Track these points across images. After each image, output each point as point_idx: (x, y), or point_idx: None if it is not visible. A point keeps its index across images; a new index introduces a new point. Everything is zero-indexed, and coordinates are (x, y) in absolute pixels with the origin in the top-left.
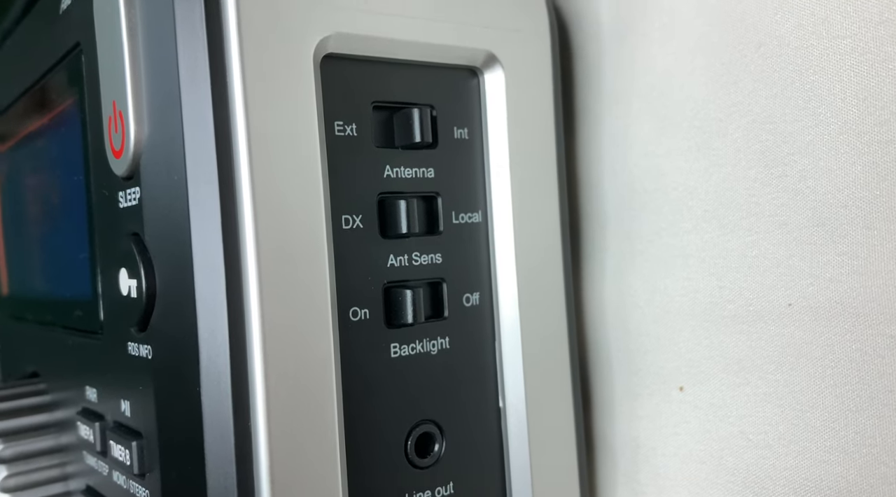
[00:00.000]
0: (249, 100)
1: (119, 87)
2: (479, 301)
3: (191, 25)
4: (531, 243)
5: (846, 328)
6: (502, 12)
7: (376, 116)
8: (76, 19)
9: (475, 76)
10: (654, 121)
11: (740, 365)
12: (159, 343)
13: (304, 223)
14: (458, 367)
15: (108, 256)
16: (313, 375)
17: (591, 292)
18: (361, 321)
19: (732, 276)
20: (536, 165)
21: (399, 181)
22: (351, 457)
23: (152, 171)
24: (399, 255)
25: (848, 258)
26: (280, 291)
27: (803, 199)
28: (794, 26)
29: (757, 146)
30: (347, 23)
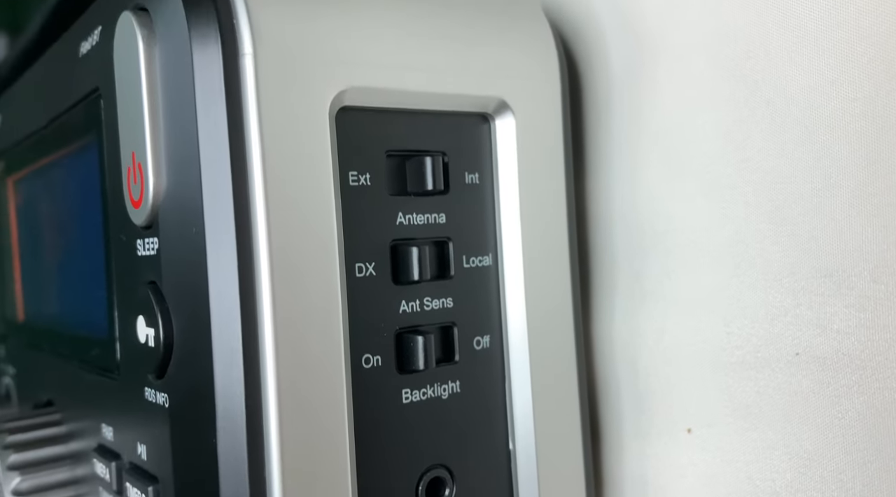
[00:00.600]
0: (267, 155)
1: (138, 139)
2: (490, 344)
3: (209, 81)
4: (541, 285)
5: (853, 380)
6: (514, 59)
7: (389, 164)
8: (96, 64)
9: (486, 122)
10: (664, 165)
11: (748, 410)
12: (176, 392)
13: (319, 274)
14: (469, 411)
15: (126, 301)
16: (326, 424)
17: (601, 331)
18: (374, 368)
19: (740, 323)
20: (546, 208)
21: (411, 228)
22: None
23: (171, 222)
24: (411, 301)
25: (855, 311)
26: (294, 343)
27: (812, 255)
28: (804, 86)
29: (767, 204)
30: (363, 77)
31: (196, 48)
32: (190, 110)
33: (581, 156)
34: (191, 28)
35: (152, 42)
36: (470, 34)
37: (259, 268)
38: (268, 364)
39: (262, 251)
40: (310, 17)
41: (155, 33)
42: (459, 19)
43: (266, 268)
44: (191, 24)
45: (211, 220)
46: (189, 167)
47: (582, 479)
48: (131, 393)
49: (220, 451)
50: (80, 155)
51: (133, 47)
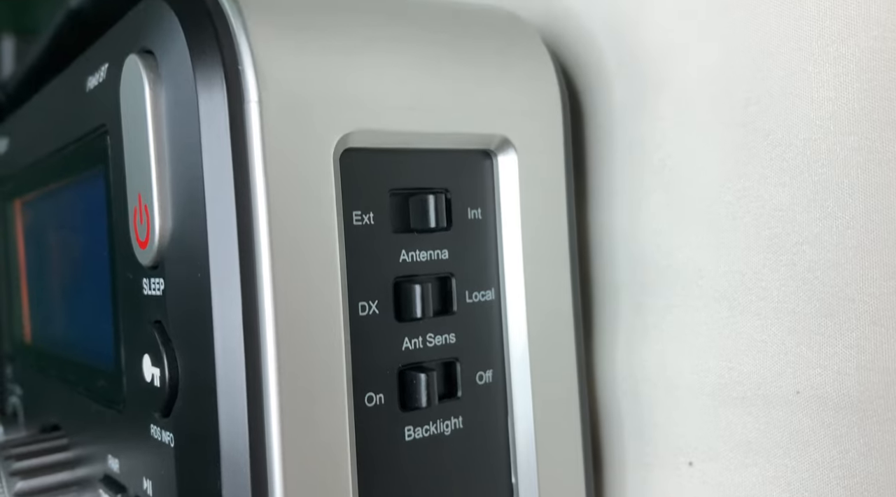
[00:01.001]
0: (271, 200)
1: (145, 182)
2: (492, 378)
3: (215, 127)
4: (543, 318)
5: (854, 421)
6: (516, 97)
7: (393, 202)
8: (102, 101)
9: (489, 158)
10: (665, 197)
11: (748, 446)
12: (181, 432)
13: (323, 315)
14: (471, 446)
15: (132, 338)
16: (330, 464)
17: (603, 363)
18: (376, 406)
19: (741, 359)
20: (548, 242)
21: (414, 264)
22: None
23: (176, 264)
24: (413, 338)
25: (856, 352)
26: (298, 387)
27: (811, 289)
28: (802, 118)
29: (766, 232)
30: (367, 119)
31: (202, 94)
32: (195, 155)
33: (583, 188)
34: (196, 74)
35: (158, 86)
36: (472, 73)
37: (263, 311)
38: (271, 407)
39: (266, 295)
40: (315, 62)
41: (161, 77)
42: (462, 59)
43: (270, 312)
44: (196, 70)
45: (216, 264)
46: (195, 211)
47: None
48: (137, 428)
49: (224, 494)
50: (87, 186)
51: (139, 90)
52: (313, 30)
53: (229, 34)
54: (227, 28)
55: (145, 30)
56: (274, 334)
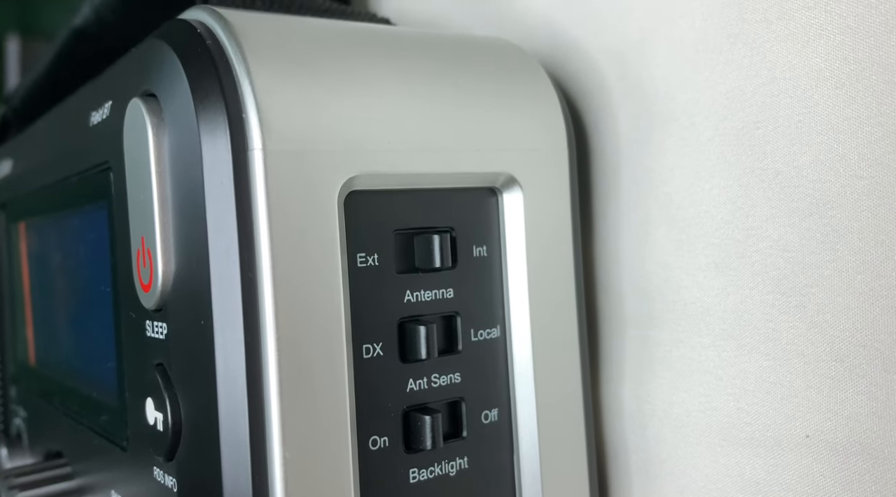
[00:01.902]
0: (275, 246)
1: (148, 226)
2: (498, 417)
3: (218, 174)
4: (550, 355)
5: (865, 468)
6: (522, 134)
7: (397, 242)
8: (105, 138)
9: (494, 195)
10: (672, 232)
11: (757, 488)
12: (184, 477)
13: (326, 360)
14: (477, 487)
15: (135, 379)
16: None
17: (610, 398)
18: (381, 449)
19: (750, 400)
20: (554, 278)
21: (419, 304)
22: None
23: (179, 309)
24: (418, 379)
25: (866, 399)
26: (302, 430)
27: (821, 332)
28: (812, 160)
29: (774, 273)
30: (371, 163)
31: (205, 140)
32: (199, 201)
33: (589, 221)
34: (199, 120)
35: (161, 130)
36: (477, 112)
37: (266, 357)
38: (275, 455)
39: (270, 339)
40: (318, 107)
41: (164, 121)
42: (467, 98)
43: (273, 358)
44: (199, 117)
45: (219, 311)
46: (198, 257)
47: None
48: (140, 468)
49: None
50: (90, 219)
51: (143, 134)
52: (316, 74)
53: (233, 80)
54: (231, 73)
55: (148, 71)
56: (277, 381)
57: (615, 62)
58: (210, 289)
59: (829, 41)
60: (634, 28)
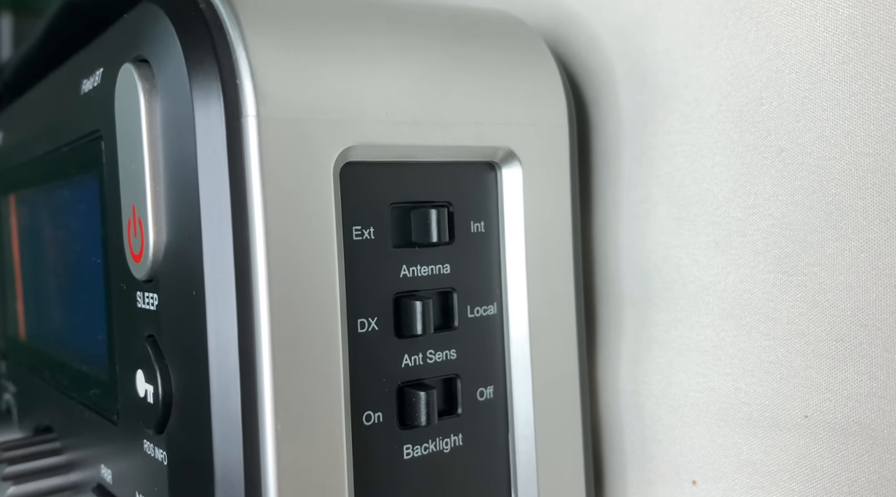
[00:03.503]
0: (269, 216)
1: (139, 194)
2: (493, 394)
3: (211, 141)
4: (546, 333)
5: (864, 448)
6: (522, 108)
7: (393, 216)
8: (96, 106)
9: (492, 170)
10: (672, 210)
11: (754, 468)
12: (175, 450)
13: (320, 334)
14: (471, 464)
15: (125, 352)
16: (326, 484)
17: (606, 377)
18: (375, 425)
19: (749, 380)
20: (553, 256)
21: (415, 280)
22: None
23: (170, 280)
24: (413, 355)
25: (867, 379)
26: (294, 404)
27: (822, 311)
28: (817, 137)
29: (776, 251)
30: (368, 133)
31: (198, 107)
32: (191, 168)
33: (588, 199)
34: (193, 87)
35: (154, 96)
36: (476, 85)
37: (259, 329)
38: (267, 427)
39: (263, 312)
40: (314, 75)
41: (156, 87)
42: (466, 70)
43: (266, 329)
44: (193, 83)
45: (211, 282)
46: (190, 226)
47: None
48: (130, 441)
49: None
50: (81, 190)
51: (134, 100)
52: (313, 41)
53: (227, 45)
54: (225, 39)
55: (141, 37)
56: (270, 353)
57: (618, 37)
58: (202, 259)
59: (837, 15)
60: (638, 2)
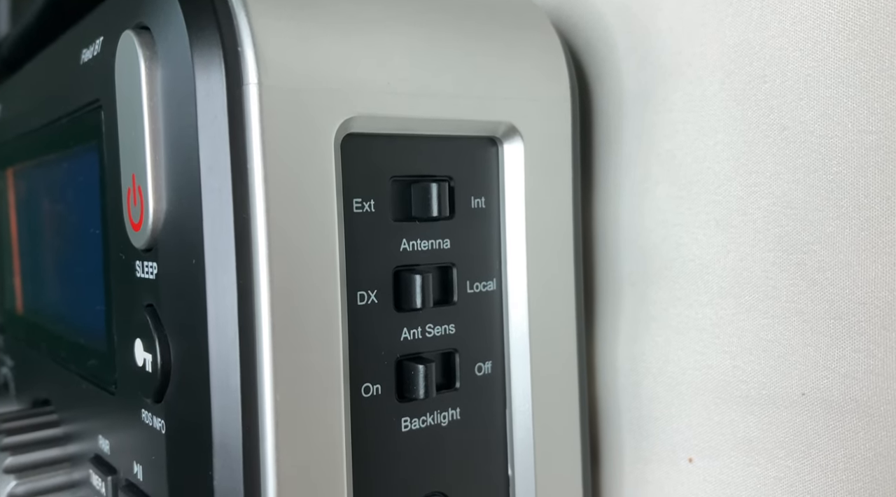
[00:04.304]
0: (269, 185)
1: (139, 163)
2: (491, 369)
3: (212, 109)
4: (545, 310)
5: (860, 426)
6: (524, 83)
7: (394, 190)
8: (96, 75)
9: (494, 145)
10: (673, 189)
11: (750, 445)
12: (173, 419)
13: (320, 305)
14: (469, 438)
15: (124, 321)
16: (324, 455)
17: (604, 354)
18: (373, 397)
19: (746, 357)
20: (553, 233)
21: (415, 254)
22: None
23: (170, 249)
24: (412, 329)
25: (864, 356)
26: (293, 374)
27: (821, 289)
28: (819, 114)
29: (776, 230)
30: (369, 104)
31: (199, 74)
32: (192, 136)
33: (589, 177)
34: (194, 54)
35: (154, 64)
36: (479, 58)
37: (259, 299)
38: (266, 396)
39: (263, 282)
40: (316, 44)
41: (157, 55)
42: (469, 43)
43: (266, 299)
44: (194, 50)
45: (211, 251)
46: (190, 195)
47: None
48: (128, 411)
49: (216, 484)
50: (80, 161)
51: (135, 68)
52: (315, 10)
53: (228, 13)
54: (227, 6)
55: (142, 4)
56: (270, 323)
57: (621, 15)
58: (202, 227)
59: None
60: None
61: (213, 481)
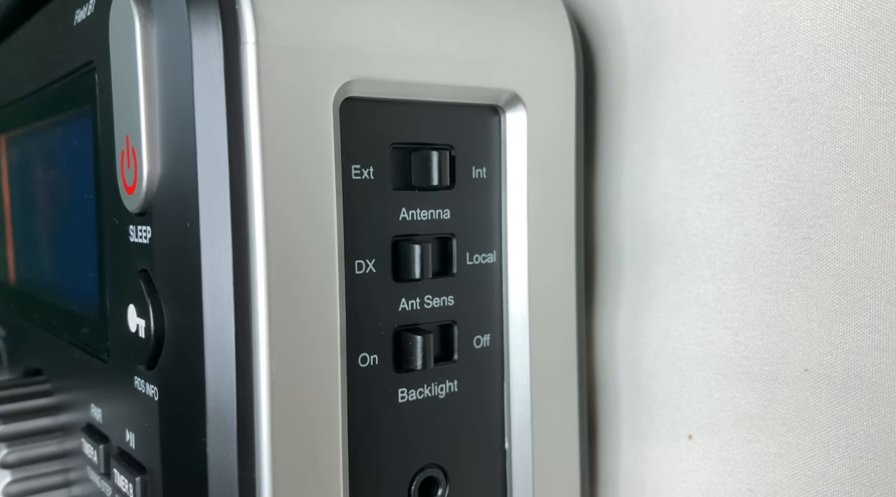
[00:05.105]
0: (266, 148)
1: (133, 124)
2: (490, 342)
3: (208, 69)
4: (545, 283)
5: (863, 402)
6: (528, 50)
7: (394, 157)
8: (90, 36)
9: (496, 114)
10: (677, 162)
11: (752, 422)
12: (166, 385)
13: (317, 272)
14: (466, 410)
15: (117, 287)
16: (320, 424)
17: (603, 330)
18: (370, 367)
19: (749, 333)
20: (554, 205)
21: (414, 223)
22: None
23: (165, 212)
24: (411, 299)
25: (869, 331)
26: (289, 342)
27: (826, 264)
28: (830, 86)
29: (782, 204)
30: (369, 67)
31: (195, 34)
32: (187, 98)
33: (591, 149)
34: (190, 13)
35: (150, 23)
36: (483, 24)
37: (255, 264)
38: (261, 364)
39: (259, 247)
40: (316, 4)
41: (153, 13)
42: (473, 8)
43: (262, 265)
44: (191, 9)
45: (206, 214)
46: (185, 157)
47: (577, 480)
48: (121, 379)
49: (209, 451)
50: (74, 125)
51: (129, 28)
52: None
53: None
54: None
55: None
56: (266, 289)
57: None
58: (197, 190)
59: None
60: None
61: (206, 448)
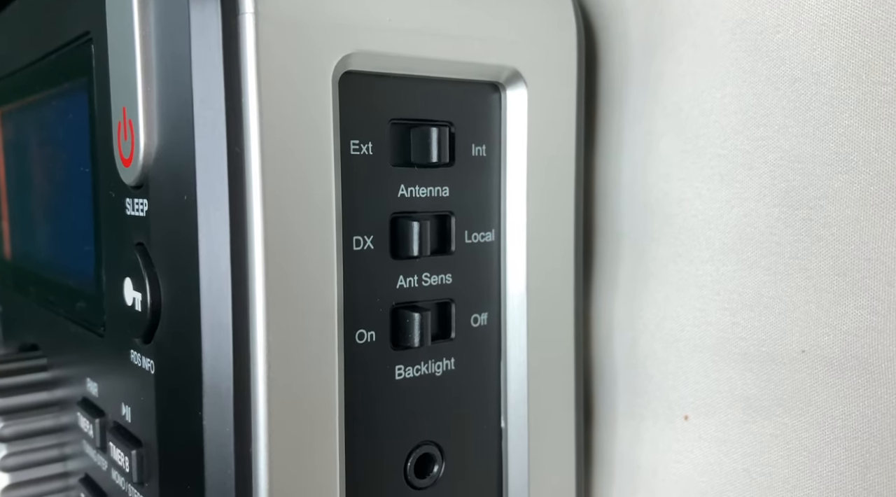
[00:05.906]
0: (264, 121)
1: (130, 96)
2: (487, 321)
3: (206, 40)
4: (543, 263)
5: (860, 383)
6: (530, 27)
7: (393, 133)
8: (87, 6)
9: (496, 91)
10: (678, 142)
11: (748, 403)
12: (162, 359)
13: (315, 247)
14: (462, 388)
15: (113, 260)
16: (316, 399)
17: (601, 310)
18: (367, 343)
19: (747, 314)
20: (554, 184)
21: (413, 200)
22: (350, 478)
23: (161, 185)
24: (409, 277)
25: (867, 313)
26: (286, 316)
27: (825, 245)
28: (833, 66)
29: (783, 185)
30: (369, 40)
31: (193, 3)
32: (185, 69)
33: (591, 129)
34: None
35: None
36: None
37: (252, 238)
38: (257, 337)
39: (256, 222)
40: None
41: None
42: None
43: (259, 239)
44: None
45: (203, 187)
46: (182, 129)
47: (573, 459)
48: (117, 353)
49: (205, 425)
50: (71, 97)
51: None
52: None
53: None
54: None
55: None
56: (263, 263)
57: None
58: (194, 162)
59: None
60: None
61: (202, 421)
